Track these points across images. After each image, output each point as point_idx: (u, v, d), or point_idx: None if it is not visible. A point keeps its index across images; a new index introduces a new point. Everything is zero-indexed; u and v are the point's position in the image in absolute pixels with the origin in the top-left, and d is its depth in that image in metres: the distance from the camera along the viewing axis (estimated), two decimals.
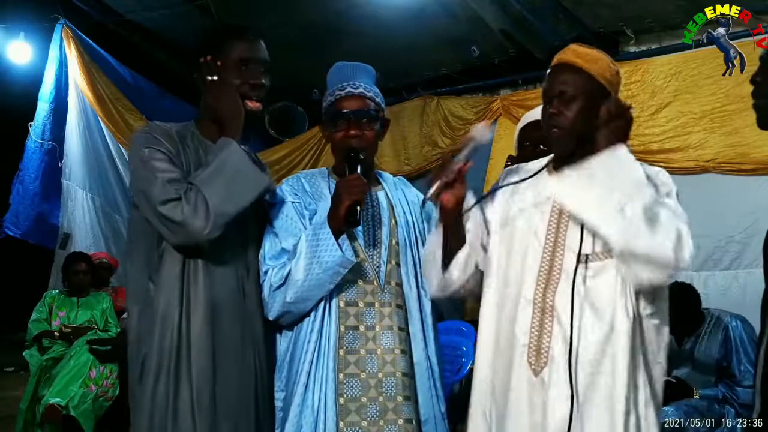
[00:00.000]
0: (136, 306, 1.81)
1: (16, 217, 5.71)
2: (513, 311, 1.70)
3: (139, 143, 1.80)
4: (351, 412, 1.83)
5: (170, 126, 1.88)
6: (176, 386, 1.73)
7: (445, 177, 1.70)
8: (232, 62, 1.86)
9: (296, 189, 2.01)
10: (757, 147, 3.92)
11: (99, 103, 5.95)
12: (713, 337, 3.62)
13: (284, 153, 6.44)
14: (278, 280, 1.86)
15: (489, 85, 5.95)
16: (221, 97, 1.86)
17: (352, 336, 1.88)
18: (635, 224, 1.52)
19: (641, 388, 1.59)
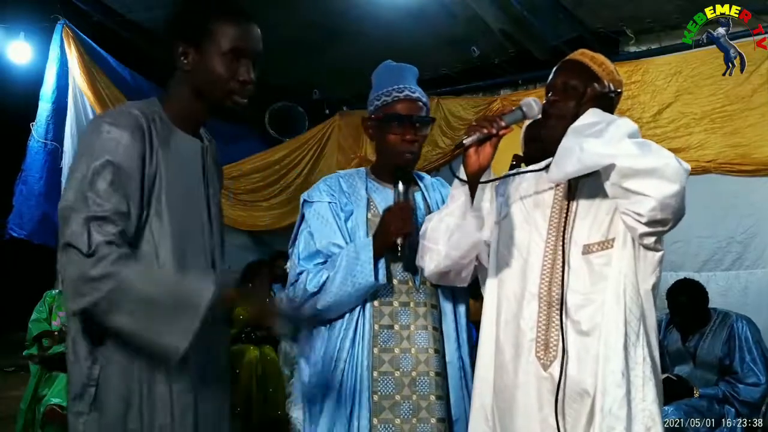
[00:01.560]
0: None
1: (21, 218, 5.70)
2: (517, 307, 1.71)
3: (94, 139, 1.52)
4: (385, 409, 1.87)
5: (137, 112, 1.58)
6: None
7: (487, 130, 1.65)
8: (222, 51, 1.59)
9: (333, 189, 2.03)
10: (758, 148, 3.92)
11: (99, 103, 5.93)
12: (717, 335, 3.63)
13: (284, 153, 6.43)
14: (313, 287, 1.90)
15: (489, 85, 5.94)
16: (202, 93, 1.63)
17: (387, 335, 1.91)
18: (631, 147, 1.53)
19: (640, 364, 1.60)
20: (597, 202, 1.68)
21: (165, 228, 1.58)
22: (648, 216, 1.53)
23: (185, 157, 1.66)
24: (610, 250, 1.63)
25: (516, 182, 1.85)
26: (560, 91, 1.73)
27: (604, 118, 1.61)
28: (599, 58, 1.78)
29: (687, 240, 4.27)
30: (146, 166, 1.55)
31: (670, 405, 3.40)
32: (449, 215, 1.74)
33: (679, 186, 1.50)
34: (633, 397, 1.57)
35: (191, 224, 1.66)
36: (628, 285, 1.61)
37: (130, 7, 6.05)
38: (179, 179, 1.63)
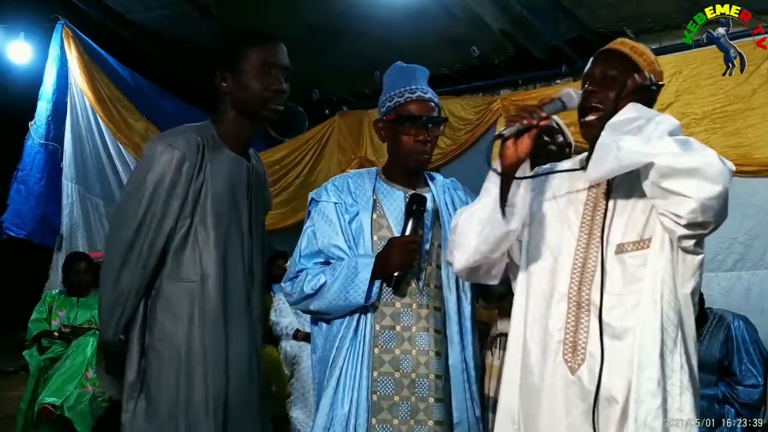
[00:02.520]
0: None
1: (19, 217, 5.70)
2: (546, 307, 1.65)
3: (152, 160, 1.79)
4: (383, 409, 1.87)
5: (191, 132, 1.85)
6: (189, 391, 1.78)
7: (527, 121, 1.56)
8: (254, 67, 1.84)
9: (340, 189, 2.03)
10: (758, 148, 3.91)
11: (99, 103, 5.94)
12: (715, 336, 3.63)
13: (284, 153, 6.43)
14: (310, 289, 1.92)
15: (489, 85, 5.94)
16: (243, 108, 1.87)
17: (388, 335, 1.92)
18: (672, 145, 1.45)
19: (677, 372, 1.52)
20: (633, 199, 1.60)
21: (209, 234, 1.81)
22: (687, 218, 1.45)
23: (232, 173, 1.88)
24: (646, 251, 1.56)
25: (549, 177, 1.77)
26: (598, 82, 1.65)
27: (644, 113, 1.54)
28: (640, 48, 1.69)
29: None
30: (193, 180, 1.79)
31: None
32: (481, 209, 1.65)
33: (721, 187, 1.41)
34: (669, 408, 1.49)
35: (233, 233, 1.86)
36: (666, 289, 1.53)
37: (130, 7, 6.06)
38: (224, 192, 1.85)
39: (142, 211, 1.75)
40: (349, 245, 1.96)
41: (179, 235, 1.79)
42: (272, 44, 1.89)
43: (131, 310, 1.79)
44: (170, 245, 1.79)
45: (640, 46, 1.70)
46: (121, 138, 6.05)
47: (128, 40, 6.46)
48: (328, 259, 1.97)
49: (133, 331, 1.80)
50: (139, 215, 1.75)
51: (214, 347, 1.79)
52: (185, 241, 1.79)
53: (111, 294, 1.78)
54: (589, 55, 1.76)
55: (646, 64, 1.66)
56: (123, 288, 1.77)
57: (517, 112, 1.60)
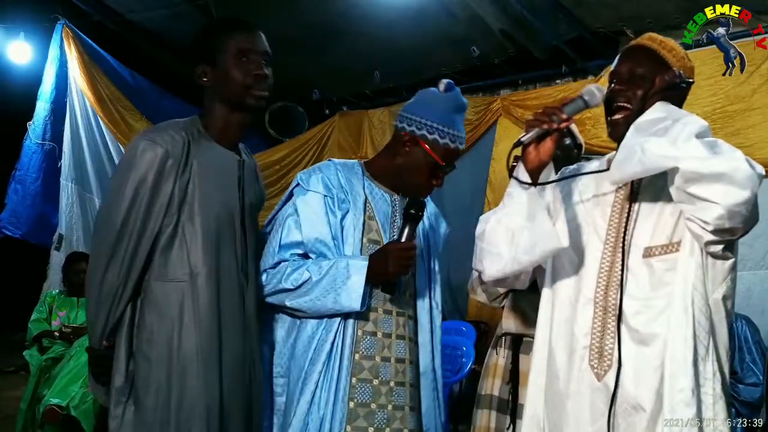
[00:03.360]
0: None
1: (16, 217, 5.71)
2: (571, 311, 1.60)
3: (134, 158, 1.71)
4: (359, 417, 1.82)
5: (176, 128, 1.77)
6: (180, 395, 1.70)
7: (547, 125, 1.50)
8: (232, 56, 1.78)
9: (331, 182, 1.91)
10: (759, 149, 3.90)
11: (99, 104, 5.95)
12: None
13: (284, 153, 6.43)
14: (291, 283, 1.82)
15: (489, 85, 5.94)
16: (227, 99, 1.80)
17: (369, 342, 1.86)
18: (698, 148, 1.38)
19: (710, 380, 1.48)
20: (662, 201, 1.54)
21: (197, 232, 1.74)
22: (714, 224, 1.39)
23: (220, 168, 1.81)
24: (676, 254, 1.50)
25: (576, 178, 1.72)
26: (626, 80, 1.58)
27: (671, 113, 1.48)
28: (669, 43, 1.61)
29: None
30: (179, 177, 1.72)
31: None
32: (509, 216, 1.57)
33: (749, 192, 1.35)
34: (703, 417, 1.45)
35: (224, 230, 1.79)
36: (697, 294, 1.48)
37: (130, 7, 6.06)
38: (213, 188, 1.78)
39: (124, 211, 1.68)
40: (336, 243, 1.87)
41: (166, 233, 1.72)
42: (248, 31, 1.82)
43: (118, 313, 1.71)
44: (157, 244, 1.72)
45: (669, 41, 1.63)
46: (121, 138, 6.05)
47: (128, 40, 6.46)
48: (308, 252, 1.87)
49: (121, 334, 1.73)
50: (122, 215, 1.68)
51: (207, 348, 1.71)
52: (172, 239, 1.72)
53: (96, 296, 1.72)
54: (589, 55, 1.73)
55: (676, 60, 1.60)
56: (108, 290, 1.70)
57: (537, 115, 1.53)
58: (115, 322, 1.72)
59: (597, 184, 1.66)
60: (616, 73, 1.62)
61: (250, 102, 1.80)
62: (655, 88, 1.56)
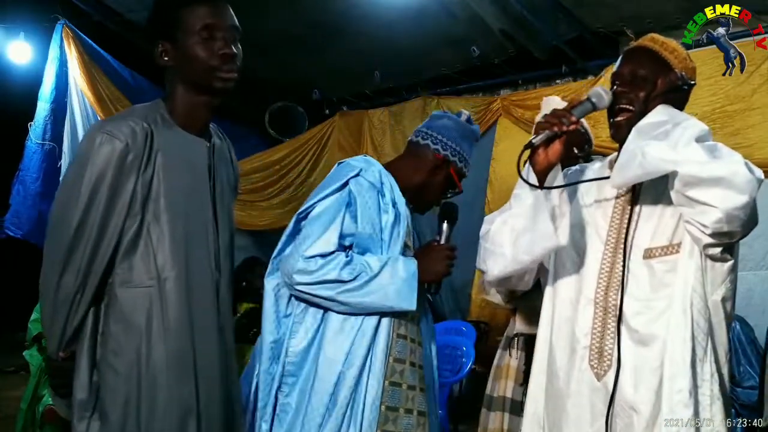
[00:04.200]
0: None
1: (17, 217, 5.71)
2: (572, 311, 1.62)
3: (90, 153, 1.54)
4: (389, 421, 1.81)
5: (135, 118, 1.59)
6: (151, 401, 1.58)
7: (557, 127, 1.51)
8: (195, 32, 1.58)
9: (382, 181, 1.91)
10: (759, 149, 3.90)
11: (99, 104, 5.93)
12: None
13: (284, 153, 6.42)
14: (348, 275, 1.77)
15: (489, 85, 5.95)
16: (191, 81, 1.63)
17: (402, 345, 1.86)
18: (697, 152, 1.40)
19: (707, 381, 1.49)
20: (662, 204, 1.56)
21: (163, 231, 1.58)
22: (713, 228, 1.41)
23: (188, 157, 1.65)
24: (676, 256, 1.52)
25: (575, 179, 1.74)
26: (628, 82, 1.59)
27: (673, 117, 1.50)
28: (671, 44, 1.62)
29: None
30: (141, 172, 1.56)
31: None
32: (515, 217, 1.59)
33: (747, 197, 1.37)
34: (701, 418, 1.46)
35: (195, 225, 1.65)
36: (696, 296, 1.49)
37: (130, 7, 6.05)
38: (180, 181, 1.62)
39: (81, 212, 1.53)
40: (383, 244, 1.86)
41: (128, 235, 1.56)
42: (212, 2, 1.61)
43: (76, 321, 1.56)
44: (119, 248, 1.56)
45: (671, 42, 1.64)
46: None
47: (128, 40, 6.45)
48: (355, 245, 1.84)
49: (82, 344, 1.58)
50: (78, 216, 1.53)
51: (179, 356, 1.58)
52: (136, 241, 1.57)
53: (51, 303, 1.56)
54: (589, 55, 1.74)
55: (678, 62, 1.61)
56: (64, 296, 1.55)
57: (547, 118, 1.54)
58: (74, 331, 1.58)
59: (599, 186, 1.67)
60: (619, 74, 1.62)
61: (217, 85, 1.62)
62: (657, 90, 1.57)
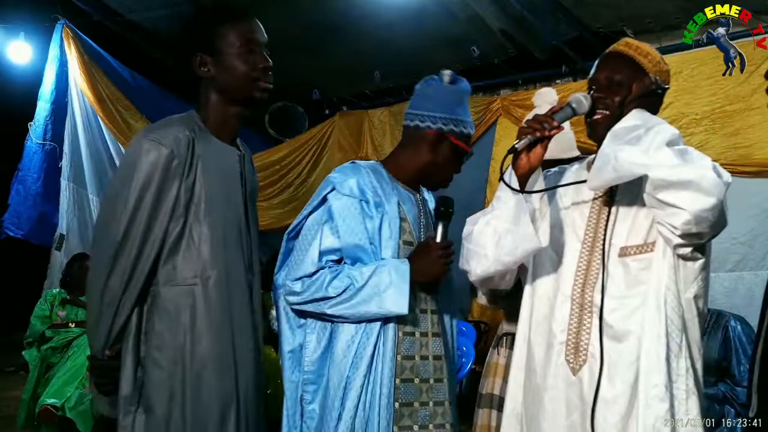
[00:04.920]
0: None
1: (18, 217, 5.71)
2: (549, 308, 1.67)
3: (138, 158, 1.64)
4: (404, 416, 1.84)
5: (180, 126, 1.70)
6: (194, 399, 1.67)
7: (539, 132, 1.57)
8: (235, 46, 1.71)
9: (365, 185, 1.88)
10: (759, 149, 3.90)
11: (99, 103, 5.94)
12: (713, 337, 3.62)
13: (284, 153, 6.43)
14: (333, 291, 1.79)
15: (489, 85, 5.94)
16: (230, 92, 1.74)
17: (409, 342, 1.87)
18: (668, 156, 1.46)
19: (683, 376, 1.54)
20: (637, 205, 1.61)
21: (205, 233, 1.70)
22: (682, 229, 1.46)
23: (224, 164, 1.77)
24: (650, 254, 1.57)
25: (556, 180, 1.78)
26: (604, 87, 1.65)
27: (646, 121, 1.55)
28: (644, 48, 1.68)
29: None
30: (184, 177, 1.67)
31: None
32: (497, 218, 1.64)
33: (715, 199, 1.42)
34: (676, 412, 1.51)
35: (231, 228, 1.76)
36: (669, 294, 1.54)
37: (130, 7, 6.06)
38: (218, 186, 1.74)
39: (129, 214, 1.62)
40: (374, 248, 1.85)
41: (173, 236, 1.66)
42: (250, 20, 1.76)
43: (121, 321, 1.65)
44: (164, 248, 1.66)
45: (645, 46, 1.69)
46: (121, 138, 6.05)
47: (128, 40, 6.46)
48: (345, 258, 1.85)
49: (127, 342, 1.67)
50: (124, 223, 1.61)
51: (221, 352, 1.68)
52: (179, 242, 1.67)
53: (98, 302, 1.64)
54: (589, 55, 1.77)
55: (652, 66, 1.66)
56: (111, 299, 1.63)
57: (529, 123, 1.60)
58: (119, 331, 1.66)
59: (577, 187, 1.73)
60: (595, 80, 1.68)
61: (256, 95, 1.75)
62: (632, 94, 1.63)
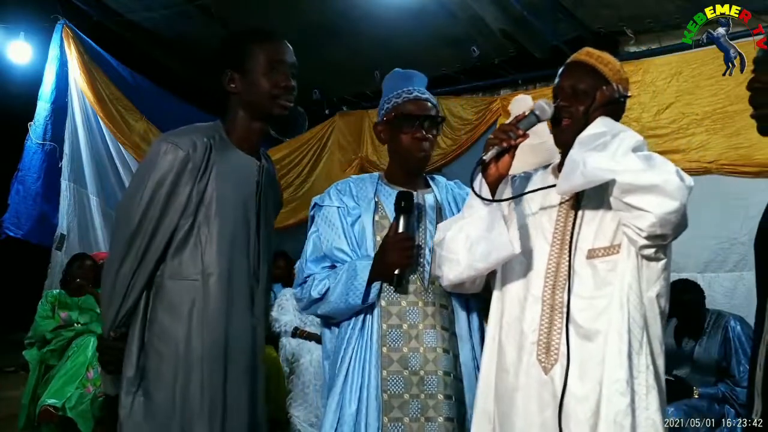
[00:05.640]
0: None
1: (17, 217, 5.71)
2: (520, 310, 1.71)
3: (156, 158, 1.78)
4: (394, 408, 1.89)
5: (198, 133, 1.84)
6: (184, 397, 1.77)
7: (506, 143, 1.65)
8: (262, 65, 1.84)
9: (343, 193, 2.07)
10: (759, 149, 3.90)
11: (99, 103, 5.94)
12: (713, 337, 3.63)
13: (284, 153, 6.43)
14: (317, 293, 1.95)
15: (489, 85, 5.94)
16: (253, 107, 1.87)
17: (396, 334, 1.93)
18: (634, 162, 1.53)
19: (643, 372, 1.60)
20: (603, 209, 1.68)
21: (212, 233, 1.80)
22: (648, 231, 1.54)
23: (240, 172, 1.88)
24: (616, 256, 1.63)
25: (524, 185, 1.84)
26: (569, 96, 1.72)
27: (611, 129, 1.61)
28: (605, 58, 1.76)
29: (689, 241, 4.23)
30: (197, 180, 1.79)
31: (670, 405, 3.40)
32: (469, 225, 1.72)
33: (679, 203, 1.50)
34: (637, 406, 1.57)
35: (239, 233, 1.85)
36: (632, 293, 1.61)
37: (130, 7, 6.06)
38: (231, 192, 1.84)
39: (142, 209, 1.76)
40: (353, 248, 1.98)
41: (181, 233, 1.79)
42: (279, 42, 1.90)
43: (127, 305, 1.78)
44: (172, 243, 1.79)
45: (605, 55, 1.76)
46: (121, 138, 6.05)
47: (128, 40, 6.46)
48: (334, 263, 1.99)
49: (134, 328, 1.80)
50: (139, 212, 1.76)
51: (213, 349, 1.78)
52: (187, 239, 1.80)
53: (110, 289, 1.79)
54: None
55: (613, 74, 1.73)
56: (122, 283, 1.77)
57: (495, 134, 1.67)
58: (125, 315, 1.79)
59: (544, 192, 1.78)
60: (560, 88, 1.75)
61: (276, 111, 1.88)
62: (596, 103, 1.68)
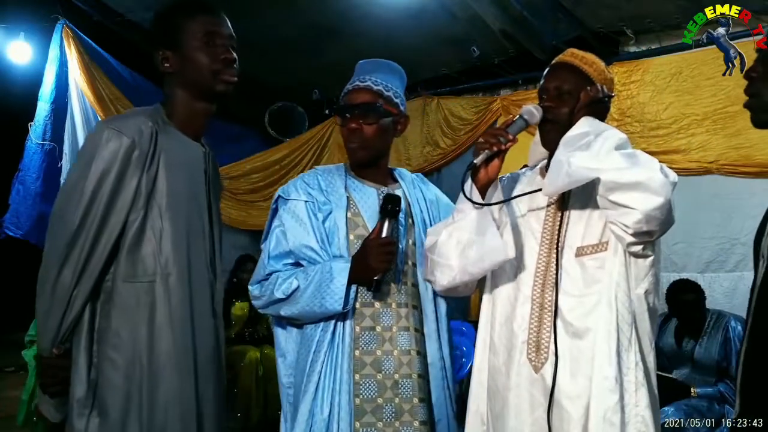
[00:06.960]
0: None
1: (17, 217, 5.71)
2: (511, 310, 1.72)
3: (97, 147, 1.59)
4: (367, 412, 1.83)
5: (143, 117, 1.65)
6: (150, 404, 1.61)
7: (495, 147, 1.66)
8: (197, 39, 1.67)
9: (311, 187, 1.95)
10: (760, 150, 3.89)
11: (99, 103, 5.94)
12: (713, 337, 3.63)
13: (284, 153, 6.42)
14: (282, 293, 1.85)
15: (489, 85, 5.93)
16: (193, 86, 1.70)
17: (369, 337, 1.87)
18: (618, 160, 1.55)
19: (632, 369, 1.61)
20: (590, 207, 1.69)
21: (166, 228, 1.64)
22: (634, 228, 1.55)
23: (188, 160, 1.73)
24: (604, 254, 1.65)
25: (511, 186, 1.86)
26: (554, 97, 1.74)
27: (595, 128, 1.63)
28: (589, 58, 1.78)
29: (690, 241, 4.24)
30: (145, 170, 1.61)
31: (670, 405, 3.40)
32: (460, 230, 1.71)
33: (663, 199, 1.51)
34: (626, 403, 1.58)
35: (194, 226, 1.71)
36: (620, 290, 1.62)
37: (130, 7, 6.05)
38: (181, 182, 1.69)
39: (85, 204, 1.57)
40: (322, 246, 1.89)
41: (132, 231, 1.60)
42: (212, 13, 1.71)
43: (73, 316, 1.58)
44: (122, 242, 1.60)
45: (589, 56, 1.79)
46: None
47: (128, 40, 6.45)
48: (299, 260, 1.90)
49: (79, 340, 1.60)
50: (80, 212, 1.56)
51: (181, 351, 1.62)
52: (140, 237, 1.61)
53: (48, 298, 1.57)
54: None
55: (597, 74, 1.75)
56: (63, 291, 1.56)
57: (484, 138, 1.68)
58: (69, 328, 1.59)
59: (533, 193, 1.79)
60: (545, 89, 1.77)
61: (219, 88, 1.70)
62: (580, 103, 1.70)
